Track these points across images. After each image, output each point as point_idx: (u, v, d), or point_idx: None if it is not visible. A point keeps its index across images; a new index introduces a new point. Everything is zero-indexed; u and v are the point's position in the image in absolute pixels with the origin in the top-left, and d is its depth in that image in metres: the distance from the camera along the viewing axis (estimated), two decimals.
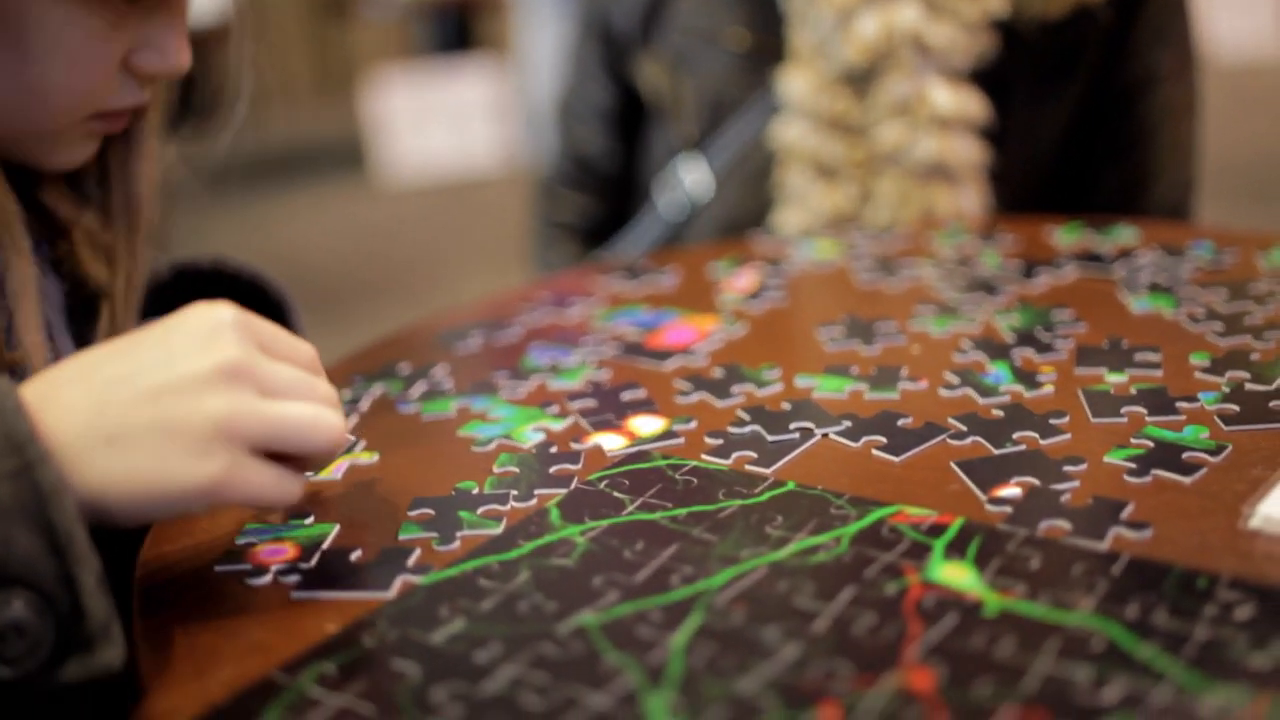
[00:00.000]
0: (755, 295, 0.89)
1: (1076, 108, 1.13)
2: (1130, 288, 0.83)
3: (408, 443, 0.68)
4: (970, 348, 0.75)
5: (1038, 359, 0.72)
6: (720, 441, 0.65)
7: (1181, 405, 0.64)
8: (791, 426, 0.66)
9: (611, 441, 0.66)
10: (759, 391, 0.71)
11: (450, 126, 4.45)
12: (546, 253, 1.33)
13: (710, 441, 0.65)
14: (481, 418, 0.70)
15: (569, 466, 0.63)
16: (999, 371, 0.71)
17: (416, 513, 0.59)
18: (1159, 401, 0.65)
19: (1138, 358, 0.71)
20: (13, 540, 0.44)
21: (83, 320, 0.68)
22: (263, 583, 0.54)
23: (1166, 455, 0.59)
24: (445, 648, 0.47)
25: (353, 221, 3.96)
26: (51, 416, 0.47)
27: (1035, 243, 0.95)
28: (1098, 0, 1.07)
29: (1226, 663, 0.43)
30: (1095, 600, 0.47)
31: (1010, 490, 0.57)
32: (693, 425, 0.67)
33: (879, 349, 0.76)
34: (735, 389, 0.71)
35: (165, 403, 0.48)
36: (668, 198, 1.20)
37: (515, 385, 0.75)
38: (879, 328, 0.79)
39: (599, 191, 1.30)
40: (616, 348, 0.80)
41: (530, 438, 0.67)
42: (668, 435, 0.66)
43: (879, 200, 1.09)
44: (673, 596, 0.50)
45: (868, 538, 0.53)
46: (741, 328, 0.83)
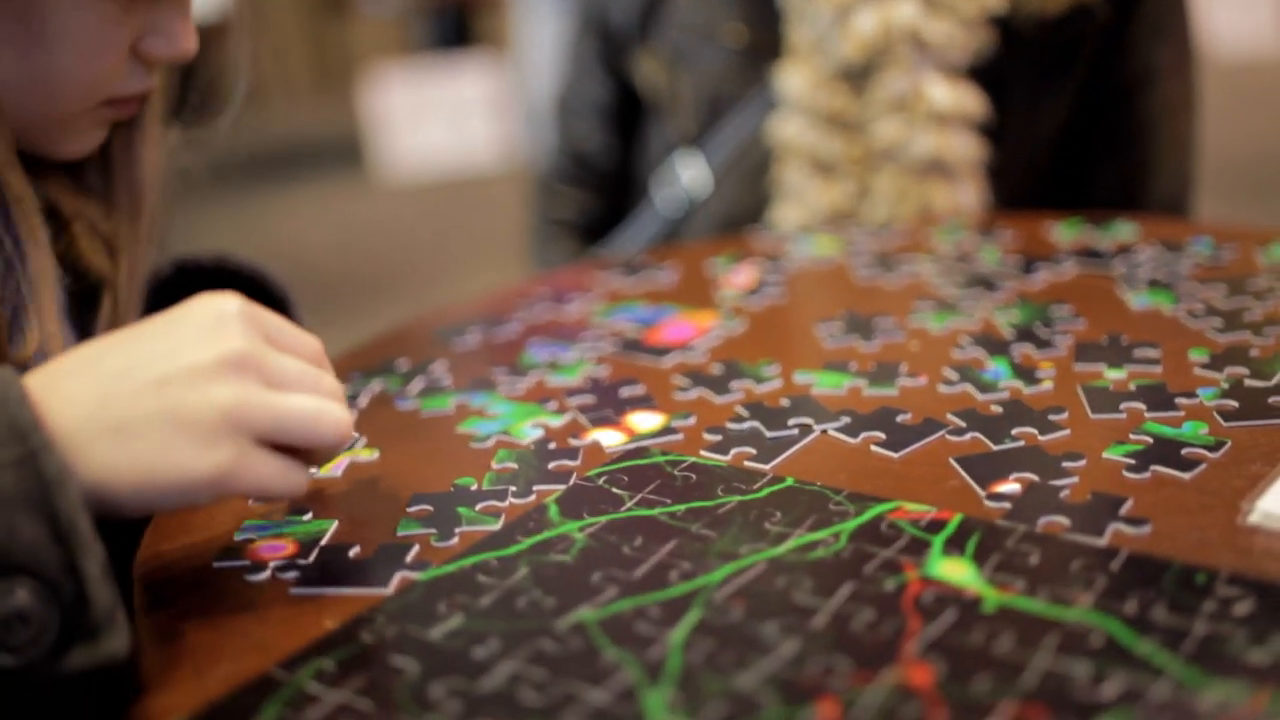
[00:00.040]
0: (754, 291, 0.89)
1: (1074, 104, 1.13)
2: (1129, 284, 0.83)
3: (406, 439, 0.68)
4: (969, 344, 0.75)
5: (1037, 355, 0.72)
6: (719, 437, 0.65)
7: (1181, 401, 0.64)
8: (790, 422, 0.66)
9: (610, 438, 0.66)
10: (758, 387, 0.71)
11: (449, 123, 4.45)
12: (544, 250, 1.33)
13: (709, 437, 0.65)
14: (480, 414, 0.70)
15: (567, 463, 0.63)
16: (998, 367, 0.71)
17: (415, 509, 0.59)
18: (1158, 397, 0.65)
19: (1137, 354, 0.71)
20: (16, 528, 0.43)
21: (84, 311, 0.68)
22: (261, 579, 0.54)
23: (1165, 451, 0.59)
24: (444, 644, 0.47)
25: (351, 218, 3.96)
26: (56, 407, 0.47)
27: (1034, 239, 0.95)
28: None
29: (1225, 658, 0.42)
30: (1094, 596, 0.47)
31: (1009, 486, 0.57)
32: (691, 421, 0.67)
33: (878, 345, 0.76)
34: (734, 385, 0.71)
35: (171, 393, 0.48)
36: (665, 194, 1.20)
37: (514, 381, 0.75)
38: (878, 324, 0.79)
39: (597, 188, 1.30)
40: (615, 344, 0.80)
41: (529, 434, 0.67)
42: (666, 431, 0.66)
43: (877, 196, 1.09)
44: (671, 592, 0.50)
45: (866, 534, 0.53)
46: (740, 324, 0.82)
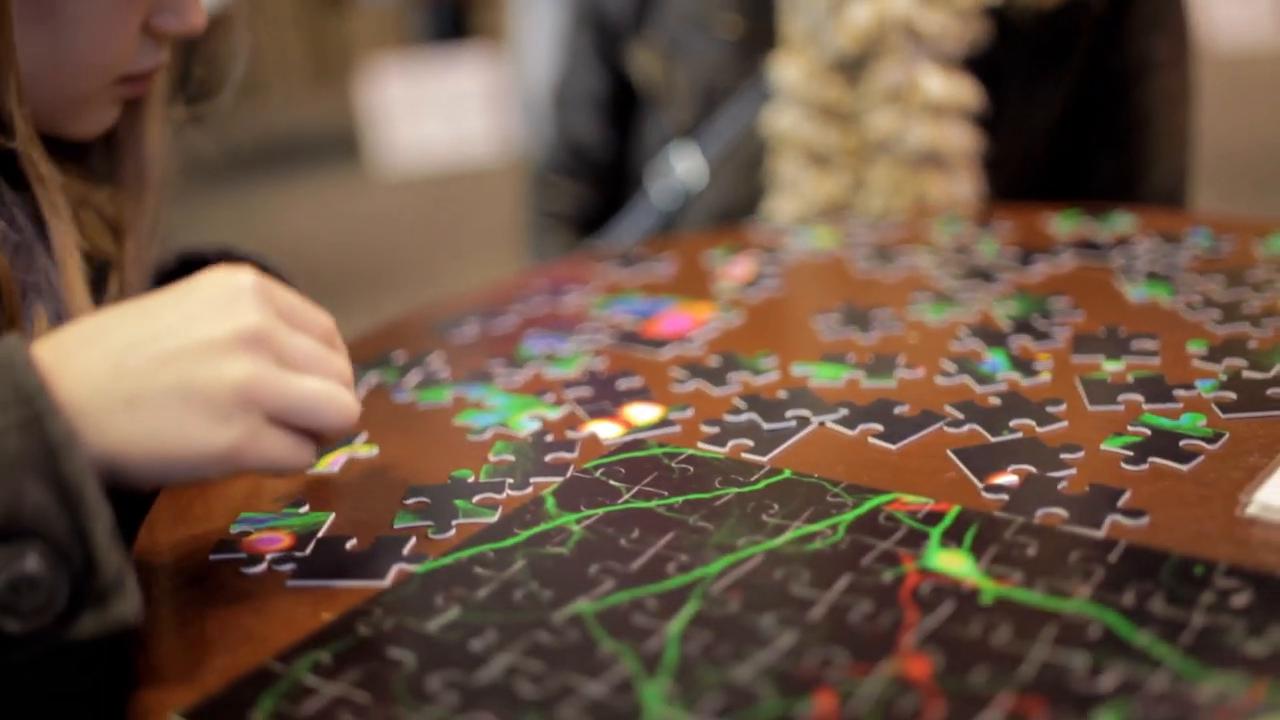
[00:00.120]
0: (752, 283, 0.89)
1: (1071, 95, 1.12)
2: (1128, 276, 0.83)
3: (403, 431, 0.68)
4: (967, 336, 0.75)
5: (1035, 347, 0.72)
6: (716, 430, 0.64)
7: (1179, 393, 0.64)
8: (788, 414, 0.65)
9: (607, 430, 0.66)
10: (755, 380, 0.71)
11: (446, 116, 4.44)
12: (541, 242, 1.33)
13: (706, 430, 0.65)
14: (477, 406, 0.70)
15: (565, 455, 0.63)
16: (996, 359, 0.71)
17: (412, 501, 0.59)
18: (1156, 389, 0.65)
19: (1135, 346, 0.71)
20: (23, 492, 0.43)
21: (92, 294, 0.68)
22: (258, 571, 0.54)
23: (1164, 443, 0.59)
24: (440, 636, 0.47)
25: (348, 210, 3.95)
26: (68, 377, 0.47)
27: (1032, 231, 0.95)
28: None
29: (1223, 650, 0.42)
30: (1092, 588, 0.47)
31: (1007, 478, 0.57)
32: (689, 413, 0.67)
33: (876, 337, 0.76)
34: (731, 377, 0.71)
35: (185, 366, 0.48)
36: (660, 186, 1.20)
37: (511, 374, 0.75)
38: (876, 316, 0.79)
39: (593, 180, 1.30)
40: (612, 336, 0.80)
41: (526, 426, 0.67)
42: (664, 423, 0.66)
43: (872, 188, 1.09)
44: (668, 584, 0.49)
45: (864, 525, 0.53)
46: (738, 316, 0.82)
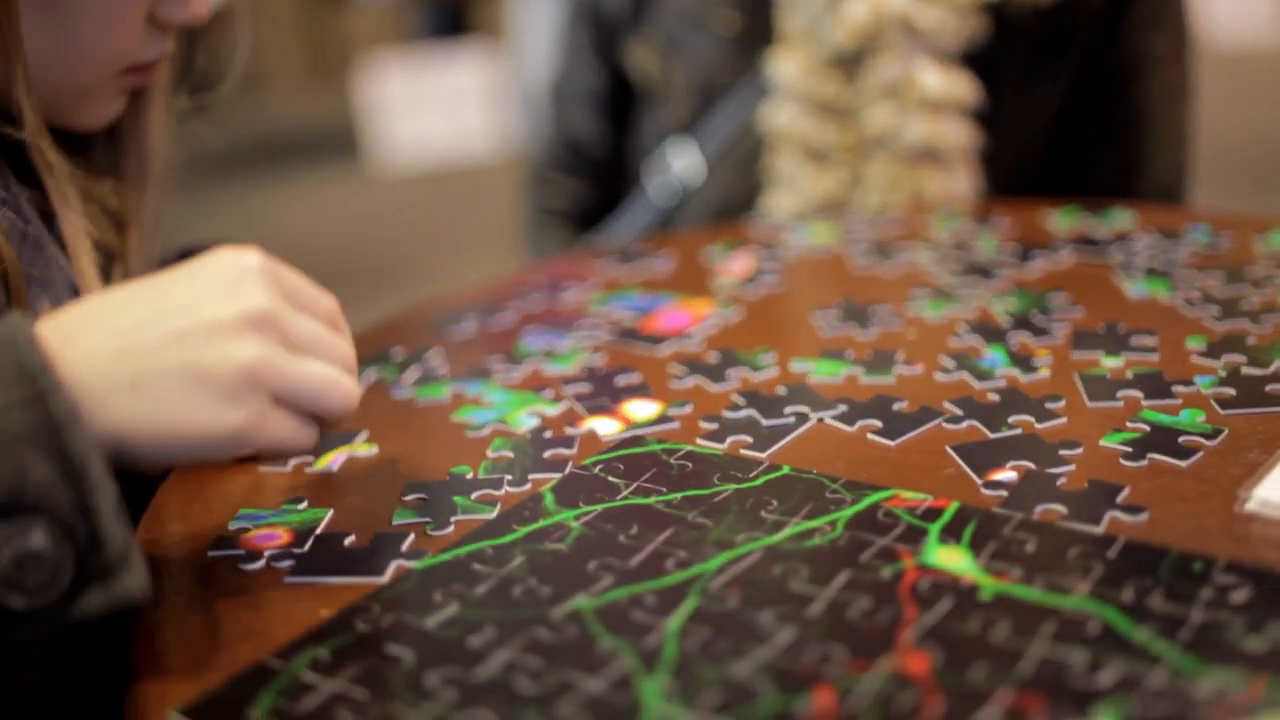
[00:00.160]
0: (751, 280, 0.88)
1: (1069, 91, 1.12)
2: (1127, 272, 0.83)
3: (402, 428, 0.68)
4: (966, 332, 0.75)
5: (1034, 343, 0.72)
6: (715, 426, 0.64)
7: (1178, 389, 0.64)
8: (787, 411, 0.65)
9: (606, 426, 0.66)
10: (754, 376, 0.71)
11: (445, 112, 4.43)
12: (539, 239, 1.33)
13: (705, 426, 0.64)
14: (476, 402, 0.70)
15: (563, 451, 0.63)
16: (995, 355, 0.71)
17: (410, 497, 0.59)
18: (1155, 385, 0.65)
19: (1134, 342, 0.71)
20: (27, 468, 0.43)
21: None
22: (256, 568, 0.54)
23: (1163, 439, 0.59)
24: (439, 632, 0.47)
25: (347, 207, 3.95)
26: (72, 356, 0.46)
27: (1031, 227, 0.95)
28: None
29: (1223, 646, 0.42)
30: (1091, 584, 0.47)
31: (1006, 474, 0.57)
32: (688, 410, 0.67)
33: (875, 333, 0.76)
34: (730, 373, 0.71)
35: (193, 347, 0.48)
36: (658, 182, 1.20)
37: (510, 370, 0.74)
38: (875, 312, 0.79)
39: (591, 176, 1.30)
40: (611, 332, 0.80)
41: (525, 422, 0.67)
42: (662, 420, 0.66)
43: (869, 184, 1.09)
44: (667, 581, 0.49)
45: (863, 522, 0.53)
46: (737, 312, 0.82)
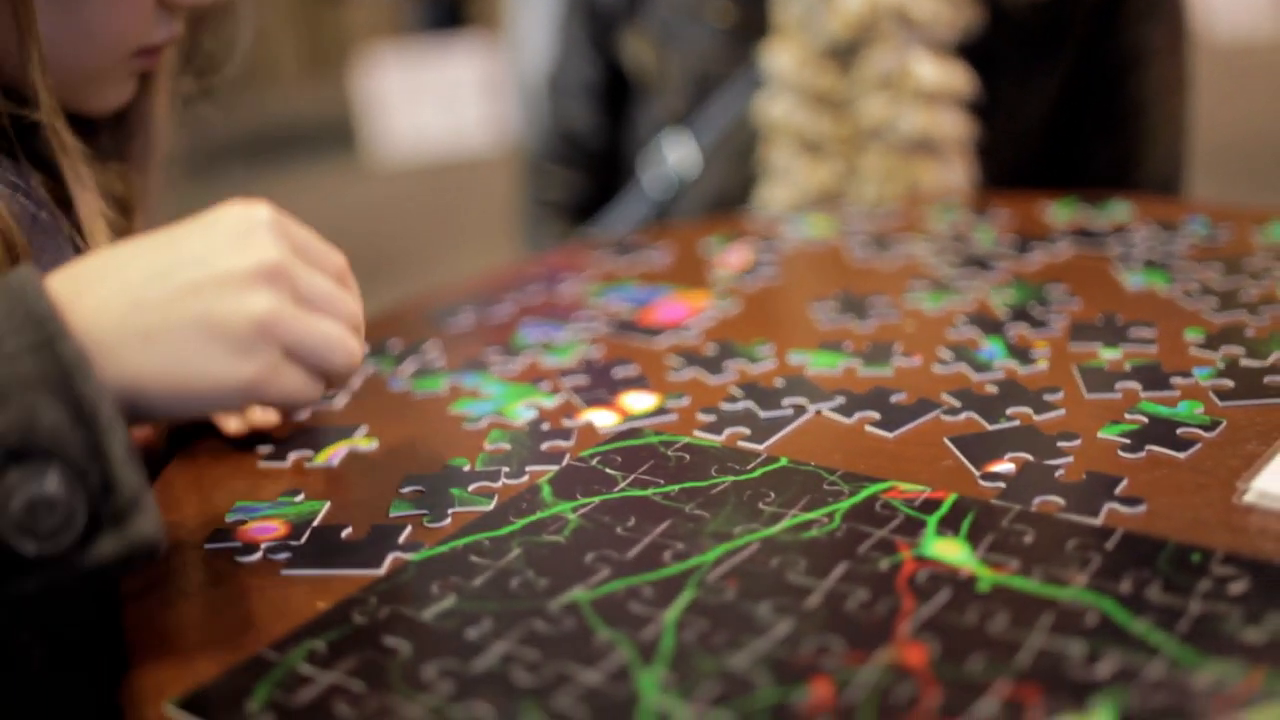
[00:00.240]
0: (748, 272, 0.88)
1: (1065, 83, 1.12)
2: (1125, 264, 0.83)
3: (399, 420, 0.68)
4: (964, 324, 0.75)
5: (1032, 335, 0.72)
6: (713, 418, 0.64)
7: (1176, 381, 0.64)
8: (784, 403, 0.65)
9: (603, 418, 0.65)
10: (752, 368, 0.71)
11: (442, 105, 4.43)
12: (535, 231, 1.33)
13: (703, 418, 0.64)
14: (473, 395, 0.70)
15: (561, 443, 0.63)
16: (993, 347, 0.71)
17: (408, 490, 0.59)
18: (1153, 377, 0.65)
19: (1132, 333, 0.71)
20: (38, 412, 0.43)
21: None
22: (253, 560, 0.54)
23: (1161, 431, 0.59)
24: (436, 624, 0.47)
25: (344, 199, 3.95)
26: (85, 309, 0.46)
27: (1029, 219, 0.95)
28: None
29: (1220, 638, 0.42)
30: (1089, 575, 0.47)
31: (1004, 466, 0.57)
32: (685, 402, 0.67)
33: (873, 325, 0.76)
34: (728, 365, 0.71)
35: (205, 300, 0.48)
36: (653, 174, 1.20)
37: (507, 362, 0.74)
38: (873, 304, 0.79)
39: (587, 167, 1.29)
40: (608, 324, 0.80)
41: (522, 415, 0.67)
42: (660, 412, 0.66)
43: (864, 175, 1.09)
44: (665, 573, 0.49)
45: (861, 514, 0.53)
46: (734, 304, 0.82)
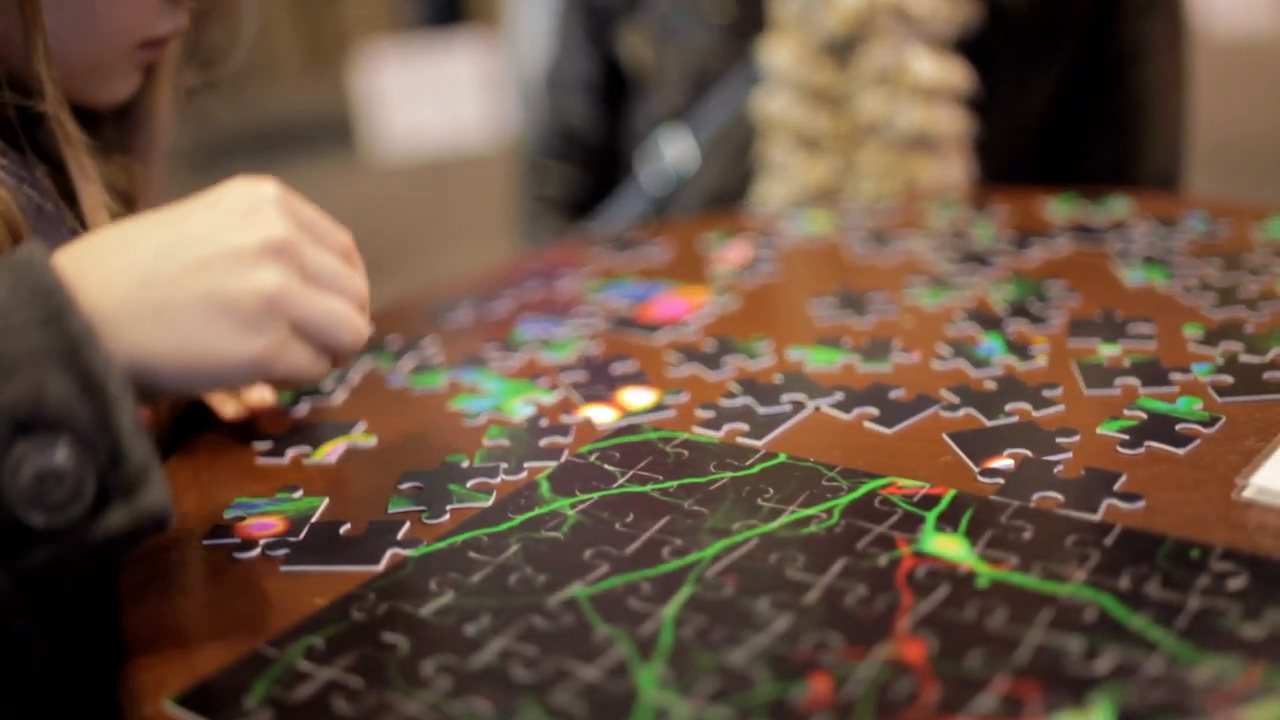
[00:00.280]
0: (747, 268, 0.88)
1: (1064, 79, 1.12)
2: (1124, 259, 0.83)
3: (398, 416, 0.68)
4: (963, 320, 0.75)
5: (1031, 331, 0.72)
6: (711, 414, 0.64)
7: (1175, 377, 0.64)
8: (783, 399, 0.65)
9: (602, 414, 0.65)
10: (750, 364, 0.71)
11: (441, 101, 4.42)
12: (533, 227, 1.33)
13: (701, 414, 0.64)
14: (472, 391, 0.70)
15: (559, 439, 0.63)
16: (992, 343, 0.71)
17: (406, 486, 0.59)
18: (1152, 373, 0.65)
19: (1131, 330, 0.71)
20: (46, 384, 0.43)
21: None
22: (251, 556, 0.54)
23: (1160, 427, 0.59)
24: (434, 620, 0.47)
25: (343, 196, 3.94)
26: (93, 286, 0.46)
27: (1029, 215, 0.95)
28: None
29: (1219, 633, 0.42)
30: (1087, 571, 0.47)
31: (1002, 462, 0.56)
32: (684, 398, 0.67)
33: (871, 321, 0.76)
34: (726, 361, 0.71)
35: (214, 276, 0.48)
36: (650, 170, 1.20)
37: (505, 358, 0.74)
38: (871, 300, 0.79)
39: (585, 163, 1.29)
40: (607, 320, 0.80)
41: (521, 411, 0.67)
42: (659, 408, 0.66)
43: (862, 171, 1.09)
44: (663, 569, 0.49)
45: (859, 509, 0.53)
46: (733, 300, 0.82)
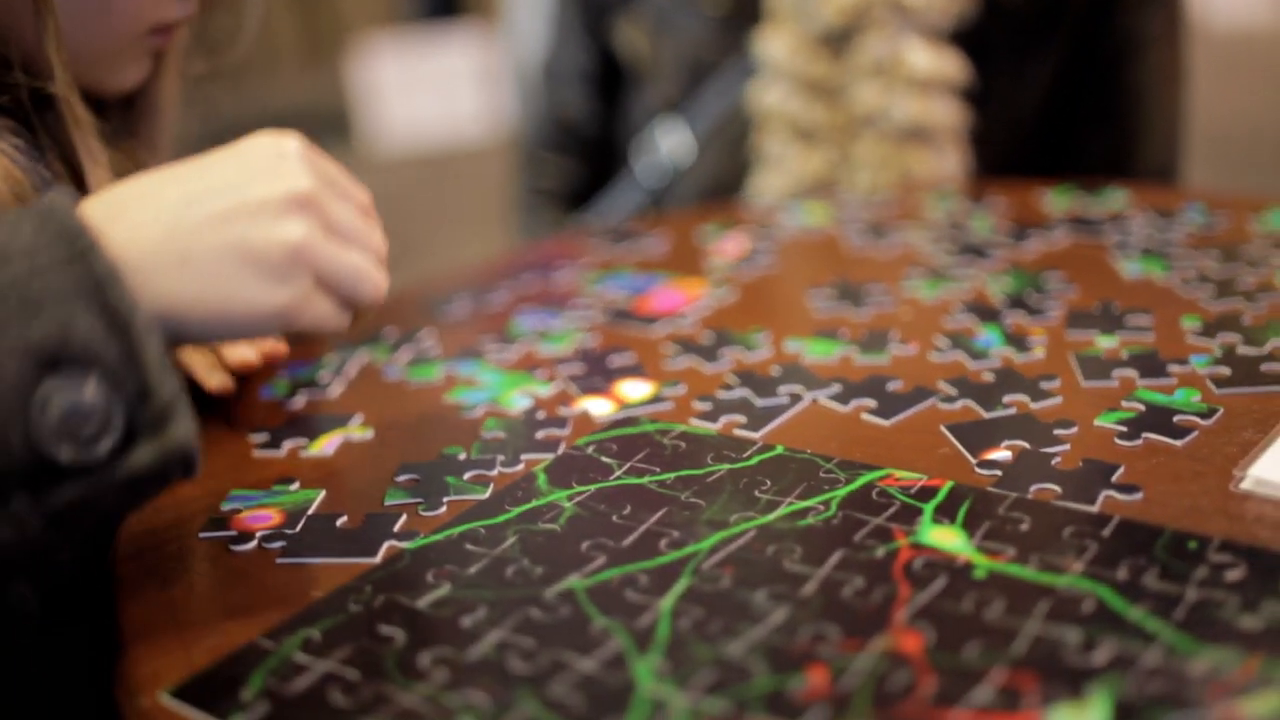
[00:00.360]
0: (744, 260, 0.88)
1: (1061, 70, 1.12)
2: (1122, 251, 0.83)
3: (394, 408, 0.68)
4: (961, 311, 0.74)
5: (1029, 323, 0.72)
6: (709, 406, 0.64)
7: (1173, 368, 0.64)
8: (780, 391, 0.65)
9: (599, 407, 0.65)
10: (748, 356, 0.71)
11: (438, 94, 4.42)
12: (530, 219, 1.32)
13: (699, 406, 0.64)
14: (469, 383, 0.70)
15: (556, 432, 0.63)
16: (990, 335, 0.70)
17: (403, 478, 0.59)
18: (1150, 365, 0.65)
19: (1129, 321, 0.71)
20: (74, 321, 0.43)
21: None
22: (247, 549, 0.54)
23: (1157, 418, 0.59)
24: (431, 612, 0.47)
25: None
26: (120, 234, 0.47)
27: (1026, 207, 0.95)
28: None
29: (1217, 625, 0.42)
30: (1085, 563, 0.47)
31: (1000, 454, 0.56)
32: (681, 390, 0.67)
33: (869, 313, 0.76)
34: (724, 353, 0.71)
35: (240, 226, 0.49)
36: (646, 162, 1.20)
37: (502, 350, 0.74)
38: (869, 292, 0.79)
39: (581, 155, 1.29)
40: (604, 312, 0.79)
41: (518, 403, 0.67)
42: (656, 400, 0.65)
43: (857, 163, 1.09)
44: (660, 560, 0.49)
45: (857, 501, 0.53)
46: (730, 292, 0.82)
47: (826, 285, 0.81)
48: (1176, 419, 0.58)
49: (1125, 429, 0.58)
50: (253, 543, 0.54)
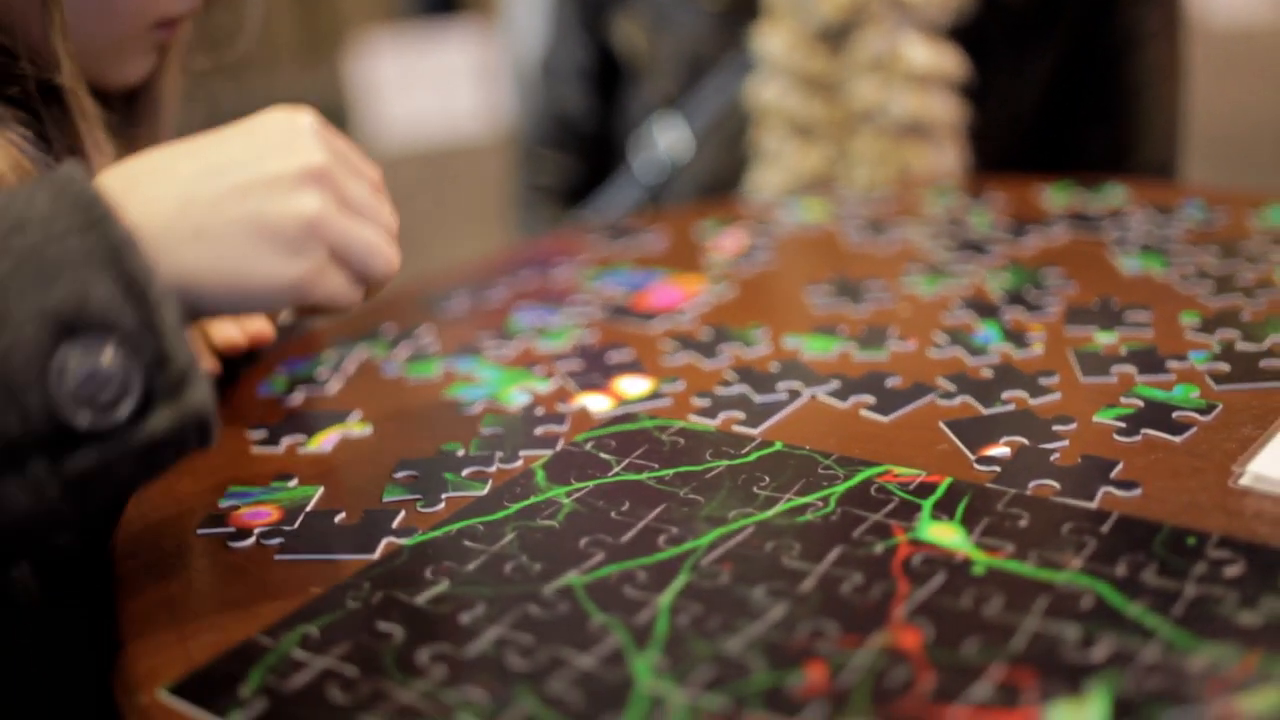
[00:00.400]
0: (743, 256, 0.88)
1: (1059, 66, 1.12)
2: (1121, 247, 0.83)
3: (393, 405, 0.68)
4: (959, 308, 0.74)
5: (1027, 319, 0.72)
6: (707, 402, 0.64)
7: (1172, 365, 0.64)
8: (779, 387, 0.65)
9: (598, 403, 0.65)
10: (746, 352, 0.71)
11: (437, 91, 4.41)
12: (529, 216, 1.32)
13: (697, 402, 0.64)
14: (467, 379, 0.70)
15: (555, 428, 0.62)
16: (988, 331, 0.70)
17: (401, 475, 0.59)
18: (1149, 361, 0.65)
19: (1128, 317, 0.71)
20: (90, 288, 0.43)
21: None
22: (246, 545, 0.53)
23: (1156, 414, 0.59)
24: (430, 609, 0.47)
25: None
26: (136, 206, 0.47)
27: (1025, 203, 0.95)
28: None
29: (1215, 621, 0.42)
30: (1084, 559, 0.47)
31: (999, 450, 0.56)
32: (680, 386, 0.67)
33: (868, 309, 0.76)
34: (722, 350, 0.71)
35: (255, 200, 0.49)
36: (643, 158, 1.20)
37: (501, 347, 0.74)
38: (867, 288, 0.79)
39: (579, 151, 1.29)
40: (603, 309, 0.79)
41: (516, 399, 0.66)
42: (654, 396, 0.65)
43: (855, 159, 1.09)
44: (659, 557, 0.49)
45: (856, 497, 0.53)
46: (729, 288, 0.82)
47: (825, 281, 0.81)
48: (1175, 415, 0.58)
49: (1124, 425, 0.58)
50: (251, 539, 0.54)
